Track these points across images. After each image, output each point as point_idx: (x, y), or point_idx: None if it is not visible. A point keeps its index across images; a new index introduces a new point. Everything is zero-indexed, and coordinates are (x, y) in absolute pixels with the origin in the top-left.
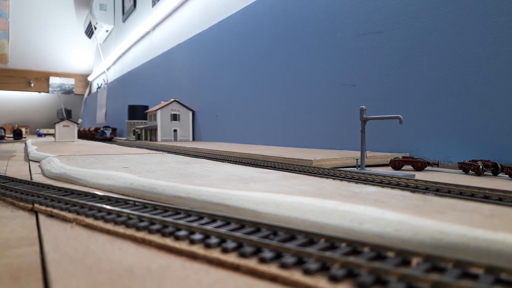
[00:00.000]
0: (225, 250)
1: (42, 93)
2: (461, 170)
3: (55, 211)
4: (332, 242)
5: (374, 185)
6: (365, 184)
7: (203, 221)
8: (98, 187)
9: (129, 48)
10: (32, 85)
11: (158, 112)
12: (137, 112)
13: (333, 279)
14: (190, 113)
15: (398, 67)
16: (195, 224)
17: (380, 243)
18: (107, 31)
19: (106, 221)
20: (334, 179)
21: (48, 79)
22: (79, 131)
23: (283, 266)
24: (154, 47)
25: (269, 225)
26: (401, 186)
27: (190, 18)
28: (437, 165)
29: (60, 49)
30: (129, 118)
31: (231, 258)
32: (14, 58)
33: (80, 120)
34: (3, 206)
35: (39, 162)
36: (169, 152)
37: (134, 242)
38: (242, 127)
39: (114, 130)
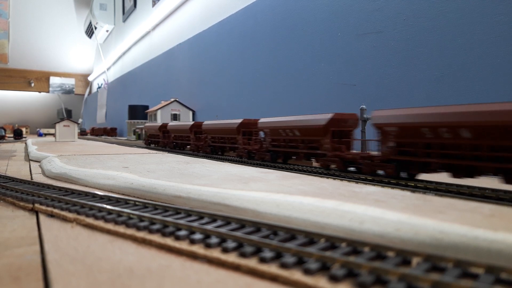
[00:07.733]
0: (225, 250)
1: (42, 93)
2: None
3: (56, 211)
4: (332, 242)
5: (374, 185)
6: (365, 184)
7: (204, 221)
8: (98, 187)
9: (129, 48)
10: (33, 85)
11: (159, 112)
12: (138, 112)
13: (333, 279)
14: (190, 113)
15: (398, 67)
16: (195, 224)
17: (380, 243)
18: (107, 31)
19: (106, 221)
20: (334, 179)
21: (48, 79)
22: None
23: (283, 266)
24: (154, 47)
25: (269, 225)
26: (401, 186)
27: (190, 18)
28: None
29: (60, 49)
30: (130, 118)
31: (232, 258)
32: (14, 58)
33: (80, 120)
34: (4, 206)
35: (39, 162)
36: (169, 152)
37: (134, 242)
38: None
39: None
